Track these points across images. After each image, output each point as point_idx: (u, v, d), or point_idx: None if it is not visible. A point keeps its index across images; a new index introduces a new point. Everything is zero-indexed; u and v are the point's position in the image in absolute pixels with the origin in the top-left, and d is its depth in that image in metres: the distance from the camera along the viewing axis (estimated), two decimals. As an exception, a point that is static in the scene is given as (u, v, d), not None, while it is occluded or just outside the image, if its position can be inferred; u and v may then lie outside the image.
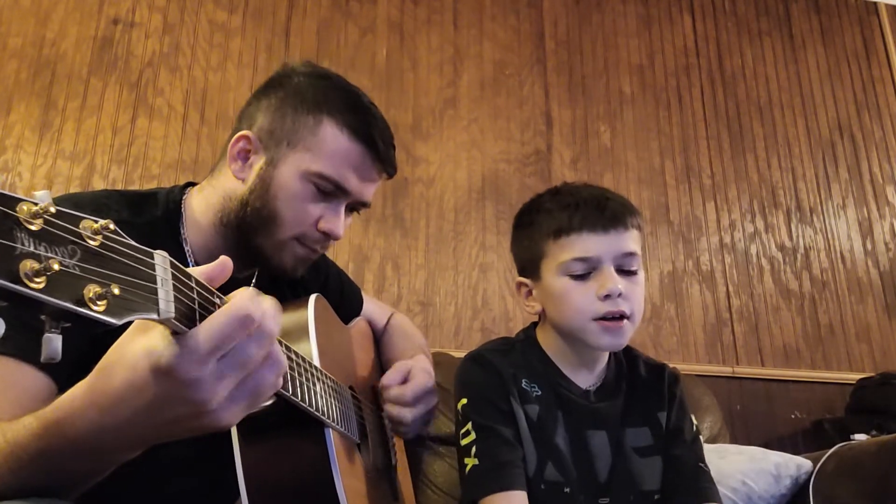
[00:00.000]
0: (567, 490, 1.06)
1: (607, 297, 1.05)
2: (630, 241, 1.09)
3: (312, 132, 1.01)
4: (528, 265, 1.16)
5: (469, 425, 1.08)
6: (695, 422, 1.17)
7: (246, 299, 0.58)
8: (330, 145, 1.01)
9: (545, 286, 1.12)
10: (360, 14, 2.71)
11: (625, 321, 1.06)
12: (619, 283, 1.05)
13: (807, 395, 2.59)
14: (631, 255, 1.08)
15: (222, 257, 0.64)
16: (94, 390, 0.60)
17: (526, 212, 1.19)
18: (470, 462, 1.06)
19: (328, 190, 1.02)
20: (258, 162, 1.03)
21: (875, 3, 3.28)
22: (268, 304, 0.60)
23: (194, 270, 0.60)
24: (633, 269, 1.08)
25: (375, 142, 1.04)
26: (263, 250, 1.03)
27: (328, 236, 1.04)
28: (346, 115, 1.03)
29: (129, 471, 0.76)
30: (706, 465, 1.12)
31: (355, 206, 1.09)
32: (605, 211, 1.08)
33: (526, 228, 1.17)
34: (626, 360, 1.19)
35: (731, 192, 2.83)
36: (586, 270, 1.07)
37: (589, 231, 1.07)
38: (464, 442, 1.08)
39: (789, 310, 2.71)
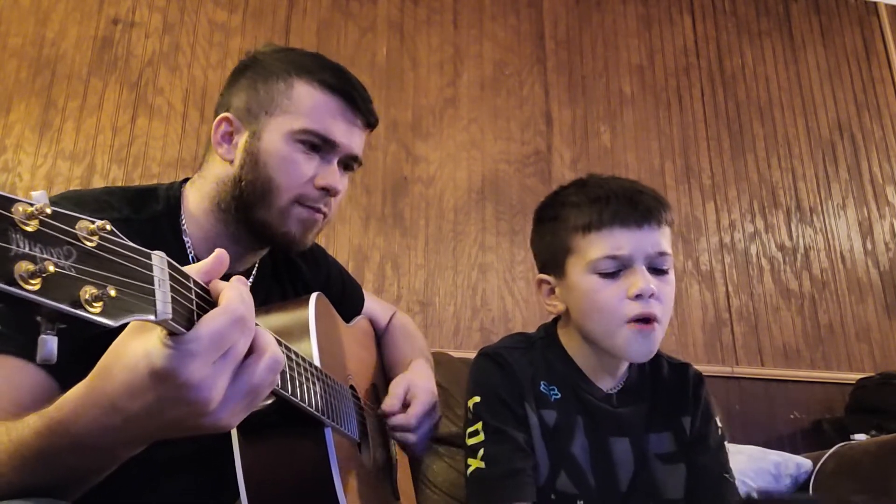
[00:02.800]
0: (580, 502, 1.02)
1: (638, 296, 0.98)
2: (663, 238, 1.02)
3: (287, 95, 1.03)
4: (551, 262, 1.08)
5: (479, 425, 1.03)
6: (720, 425, 1.10)
7: (237, 300, 0.59)
8: (306, 102, 1.03)
9: (570, 284, 1.04)
10: (360, 14, 2.71)
11: (655, 324, 0.99)
12: (652, 283, 0.98)
13: (806, 395, 2.59)
14: (663, 254, 1.01)
15: (218, 250, 0.64)
16: (95, 390, 0.60)
17: (549, 205, 1.11)
18: (474, 464, 1.01)
19: (315, 144, 1.03)
20: (242, 139, 1.04)
21: (875, 3, 3.28)
22: (252, 302, 0.61)
23: (191, 269, 0.60)
24: (665, 268, 1.02)
25: (349, 91, 1.05)
26: (268, 222, 1.03)
27: (327, 192, 1.04)
28: (316, 73, 1.04)
29: (128, 470, 0.76)
30: (731, 476, 1.07)
31: (347, 163, 1.08)
32: (637, 205, 1.02)
33: (550, 223, 1.09)
34: (648, 360, 1.10)
35: (731, 192, 2.83)
36: (617, 268, 1.00)
37: (620, 226, 1.00)
38: (470, 442, 1.03)
39: (789, 310, 2.70)
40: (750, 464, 1.92)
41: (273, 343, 0.63)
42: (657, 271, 1.01)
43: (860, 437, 2.21)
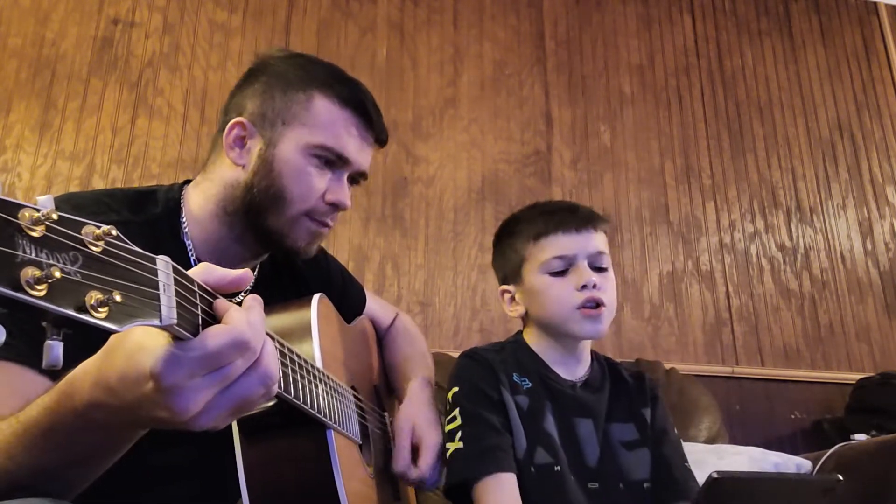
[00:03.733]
0: (557, 468, 1.11)
1: (584, 287, 1.15)
2: (599, 241, 1.20)
3: (305, 107, 1.04)
4: (510, 272, 1.25)
5: (456, 411, 1.14)
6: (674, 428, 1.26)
7: (244, 324, 0.58)
8: (324, 117, 1.04)
9: (527, 287, 1.21)
10: (360, 14, 2.71)
11: (602, 308, 1.15)
12: (594, 276, 1.16)
13: (806, 395, 2.59)
14: (601, 253, 1.19)
15: (246, 271, 0.64)
16: (99, 370, 0.61)
17: (505, 226, 1.30)
18: (453, 446, 1.10)
19: (330, 160, 1.05)
20: (256, 145, 1.04)
21: (875, 3, 3.28)
22: (263, 326, 0.61)
23: (211, 274, 0.61)
24: (604, 266, 1.19)
25: (366, 108, 1.07)
26: (275, 230, 1.04)
27: (336, 207, 1.06)
28: (334, 87, 1.06)
29: (130, 473, 0.76)
30: (689, 465, 1.21)
31: (355, 178, 1.11)
32: (577, 215, 1.21)
33: (507, 239, 1.27)
34: (607, 364, 1.28)
35: (731, 192, 2.83)
36: (564, 267, 1.17)
37: (564, 231, 1.18)
38: (449, 427, 1.13)
39: (789, 310, 2.71)
40: (750, 464, 1.92)
41: (269, 355, 0.62)
42: (598, 269, 1.18)
43: (860, 437, 2.21)
